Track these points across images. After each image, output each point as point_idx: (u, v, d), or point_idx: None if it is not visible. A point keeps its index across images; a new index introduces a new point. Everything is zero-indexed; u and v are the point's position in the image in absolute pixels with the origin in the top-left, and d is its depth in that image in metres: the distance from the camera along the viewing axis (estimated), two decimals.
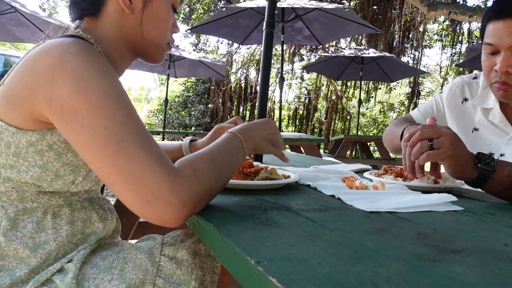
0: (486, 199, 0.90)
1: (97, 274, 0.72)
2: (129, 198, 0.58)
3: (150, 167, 0.57)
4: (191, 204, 0.59)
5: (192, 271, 0.78)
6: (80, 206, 0.78)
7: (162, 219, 0.58)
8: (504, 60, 1.00)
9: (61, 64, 0.61)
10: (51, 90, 0.61)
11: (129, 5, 0.77)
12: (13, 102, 0.66)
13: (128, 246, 0.80)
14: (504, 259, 0.46)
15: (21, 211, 0.71)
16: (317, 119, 14.02)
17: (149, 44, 0.82)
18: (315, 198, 0.80)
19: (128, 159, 0.58)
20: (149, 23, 0.80)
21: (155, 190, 0.57)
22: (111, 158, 0.58)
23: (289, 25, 5.22)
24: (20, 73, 0.66)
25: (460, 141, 0.84)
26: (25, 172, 0.69)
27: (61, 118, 0.61)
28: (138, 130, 0.61)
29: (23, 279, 0.70)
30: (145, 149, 0.59)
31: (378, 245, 0.49)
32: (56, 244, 0.72)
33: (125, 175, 0.57)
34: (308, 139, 3.77)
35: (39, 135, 0.68)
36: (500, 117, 1.14)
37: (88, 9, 0.78)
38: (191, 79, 13.31)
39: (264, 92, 1.41)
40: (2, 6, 4.43)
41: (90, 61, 0.63)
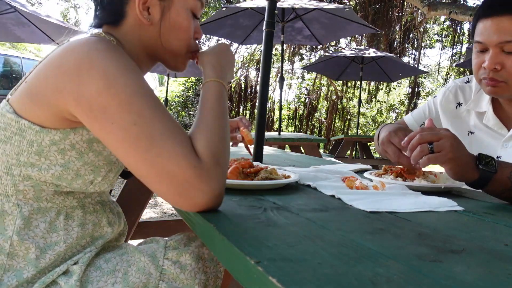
0: (486, 199, 0.90)
1: (100, 277, 0.72)
2: (163, 191, 0.61)
3: (177, 162, 0.60)
4: (220, 187, 0.63)
5: (195, 276, 0.77)
6: (92, 208, 0.78)
7: (197, 206, 0.62)
8: (492, 57, 1.00)
9: (88, 61, 0.62)
10: (79, 87, 0.61)
11: (147, 17, 0.76)
12: (37, 100, 0.66)
13: (132, 249, 0.80)
14: (504, 259, 0.46)
15: (36, 211, 0.71)
16: (317, 119, 14.03)
17: (169, 53, 0.81)
18: (315, 198, 0.80)
19: (157, 154, 0.60)
20: (168, 33, 0.79)
21: (185, 183, 0.60)
22: (142, 154, 0.60)
23: (289, 25, 5.22)
24: (45, 70, 0.66)
25: (460, 143, 0.84)
26: (46, 170, 0.69)
27: (91, 115, 0.62)
28: (165, 123, 0.62)
29: (29, 279, 0.70)
30: (171, 143, 0.61)
31: (378, 245, 0.49)
32: (66, 245, 0.73)
33: (157, 170, 0.60)
34: (308, 139, 3.77)
35: (63, 134, 0.68)
36: (494, 120, 1.15)
37: (108, 20, 0.79)
38: (191, 79, 13.31)
39: (264, 92, 1.40)
40: (2, 6, 4.43)
41: (117, 58, 0.64)
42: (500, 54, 1.00)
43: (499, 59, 1.00)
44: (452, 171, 0.84)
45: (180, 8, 0.79)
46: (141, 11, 0.75)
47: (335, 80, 10.14)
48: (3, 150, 0.70)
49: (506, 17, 0.98)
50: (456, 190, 0.99)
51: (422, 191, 0.90)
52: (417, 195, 0.86)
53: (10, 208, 0.70)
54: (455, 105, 1.27)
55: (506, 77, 1.01)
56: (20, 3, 4.52)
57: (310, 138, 3.84)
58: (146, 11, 0.76)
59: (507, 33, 0.98)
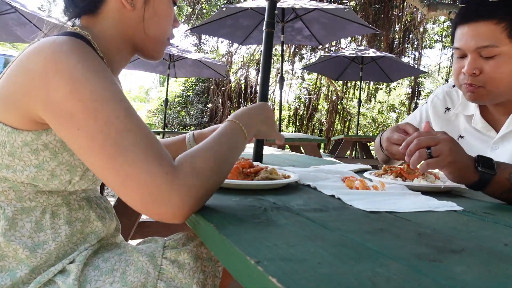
0: (486, 199, 0.90)
1: (98, 276, 0.72)
2: (129, 199, 0.59)
3: (148, 169, 0.57)
4: (191, 201, 0.59)
5: (193, 275, 0.77)
6: (78, 205, 0.78)
7: (164, 217, 0.59)
8: (471, 62, 1.02)
9: (54, 64, 0.60)
10: (47, 91, 0.60)
11: (130, 2, 0.76)
12: (7, 103, 0.66)
13: (130, 248, 0.80)
14: (503, 259, 0.46)
15: (20, 211, 0.70)
16: (317, 120, 14.03)
17: (150, 40, 0.81)
18: (315, 198, 0.80)
19: (125, 162, 0.57)
20: (151, 19, 0.79)
21: (154, 191, 0.57)
22: (109, 162, 0.58)
23: (289, 25, 5.22)
24: (14, 72, 0.65)
25: (458, 145, 0.83)
26: (20, 171, 0.68)
27: (58, 121, 0.61)
28: (135, 131, 0.60)
29: (24, 279, 0.69)
30: (142, 151, 0.58)
31: (378, 245, 0.49)
32: (56, 244, 0.72)
33: (123, 178, 0.57)
34: (308, 139, 3.77)
35: (34, 135, 0.67)
36: (481, 122, 1.16)
37: (87, 7, 0.77)
38: (191, 79, 13.30)
39: (264, 92, 1.40)
40: (2, 6, 4.43)
41: (83, 60, 0.62)
42: (478, 59, 1.02)
43: (478, 64, 1.02)
44: (452, 174, 0.83)
45: None
46: None
47: (335, 80, 10.14)
48: None
49: (482, 22, 0.99)
50: (456, 190, 0.99)
51: (422, 191, 0.90)
52: (416, 195, 0.86)
53: None
54: (444, 110, 1.29)
55: (484, 82, 1.03)
56: (20, 3, 4.52)
57: (310, 138, 3.84)
58: None
59: (483, 38, 0.99)
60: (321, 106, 14.08)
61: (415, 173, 1.01)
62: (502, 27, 0.98)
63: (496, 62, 1.00)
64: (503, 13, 0.98)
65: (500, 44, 0.99)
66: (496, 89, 1.03)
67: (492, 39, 0.99)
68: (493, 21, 0.98)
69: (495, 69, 1.00)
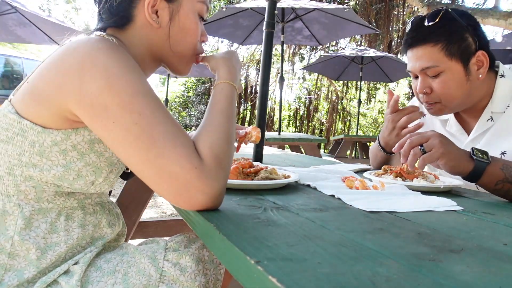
0: (486, 199, 0.90)
1: (100, 277, 0.72)
2: (164, 191, 0.62)
3: (178, 162, 0.60)
4: (221, 189, 0.64)
5: (195, 278, 0.77)
6: (92, 210, 0.79)
7: (197, 206, 0.63)
8: (421, 83, 1.12)
9: (90, 59, 0.62)
10: (80, 85, 0.62)
11: (156, 20, 0.76)
12: (39, 100, 0.66)
13: (132, 249, 0.80)
14: (503, 258, 0.46)
15: (37, 211, 0.71)
16: (317, 120, 14.02)
17: (176, 56, 0.82)
18: (315, 198, 0.80)
19: (158, 154, 0.60)
20: (176, 36, 0.79)
21: (186, 183, 0.60)
22: (143, 154, 0.61)
23: (289, 25, 5.22)
24: (47, 70, 0.66)
25: (447, 139, 0.90)
26: (47, 170, 0.69)
27: (92, 114, 0.62)
28: (166, 124, 0.63)
29: (29, 279, 0.70)
30: (172, 143, 0.61)
31: (378, 245, 0.49)
32: (67, 246, 0.73)
33: (158, 170, 0.61)
34: (308, 139, 3.77)
35: (64, 134, 0.68)
36: (456, 126, 1.23)
37: (114, 24, 0.78)
38: (191, 80, 13.30)
39: (264, 92, 1.41)
40: (3, 6, 4.43)
41: (118, 57, 0.64)
42: (426, 79, 1.11)
43: (427, 83, 1.11)
44: (447, 165, 0.88)
45: (189, 11, 0.79)
46: (150, 14, 0.76)
47: (335, 80, 10.14)
48: (5, 150, 0.70)
49: (421, 46, 1.09)
50: (455, 190, 0.99)
51: (421, 191, 0.90)
52: (416, 195, 0.86)
53: (11, 208, 0.70)
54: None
55: (437, 98, 1.11)
56: (20, 3, 4.52)
57: (310, 138, 3.84)
58: (155, 14, 0.76)
59: (425, 60, 1.10)
60: (321, 106, 14.08)
61: (414, 173, 1.01)
62: (439, 48, 1.07)
63: (441, 79, 1.09)
64: (437, 36, 1.07)
65: (440, 63, 1.07)
66: (450, 102, 1.11)
67: (432, 60, 1.08)
68: (430, 44, 1.08)
69: (442, 85, 1.09)
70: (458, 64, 1.07)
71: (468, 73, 1.09)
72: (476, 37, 1.08)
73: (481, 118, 1.14)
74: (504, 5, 12.86)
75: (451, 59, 1.07)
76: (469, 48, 1.08)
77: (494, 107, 1.12)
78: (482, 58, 1.09)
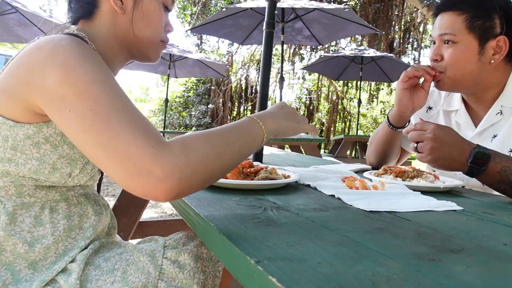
0: (485, 199, 0.90)
1: (99, 276, 0.73)
2: (114, 173, 0.58)
3: (134, 142, 0.56)
4: (175, 177, 0.56)
5: (194, 275, 0.78)
6: (76, 201, 0.79)
7: (146, 191, 0.56)
8: (435, 49, 1.13)
9: (51, 56, 0.63)
10: (43, 81, 0.62)
11: (120, 6, 0.79)
12: (9, 95, 0.67)
13: (131, 247, 0.80)
14: (503, 258, 0.46)
15: (19, 206, 0.72)
16: (318, 120, 14.02)
17: (141, 42, 0.84)
18: (315, 198, 0.80)
19: (113, 136, 0.57)
20: (140, 22, 0.82)
21: (137, 163, 0.56)
22: (97, 137, 0.58)
23: (289, 25, 5.22)
24: (15, 67, 0.67)
25: (443, 143, 0.90)
26: (23, 165, 0.70)
27: (51, 106, 0.62)
28: (124, 108, 0.60)
29: (26, 278, 0.70)
30: (131, 125, 0.58)
31: (378, 245, 0.49)
32: (54, 238, 0.73)
33: (110, 152, 0.57)
34: (308, 139, 3.77)
35: (36, 127, 0.69)
36: (465, 116, 1.22)
37: (82, 11, 0.81)
38: (192, 79, 13.31)
39: (264, 92, 1.41)
40: (3, 6, 4.43)
41: (78, 50, 0.65)
42: (441, 47, 1.12)
43: (440, 51, 1.12)
44: (436, 168, 0.94)
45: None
46: (115, 0, 0.78)
47: (335, 80, 10.14)
48: None
49: (446, 13, 1.11)
50: (455, 190, 0.99)
51: (421, 191, 0.90)
52: (416, 195, 0.86)
53: None
54: (426, 109, 1.36)
55: (444, 67, 1.11)
56: (21, 4, 4.52)
57: (310, 138, 3.84)
58: (120, 0, 0.79)
59: (445, 27, 1.10)
60: (322, 106, 14.08)
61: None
62: (463, 18, 1.07)
63: (453, 49, 1.09)
64: (466, 6, 1.07)
65: (458, 33, 1.08)
66: (454, 75, 1.10)
67: (451, 28, 1.09)
68: (456, 12, 1.09)
69: (453, 55, 1.09)
70: (474, 41, 1.07)
71: (481, 53, 1.07)
72: (505, 22, 1.06)
73: (491, 110, 1.13)
74: None
75: (469, 33, 1.06)
76: (492, 29, 1.06)
77: (505, 100, 1.11)
78: (502, 44, 1.07)
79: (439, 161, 0.91)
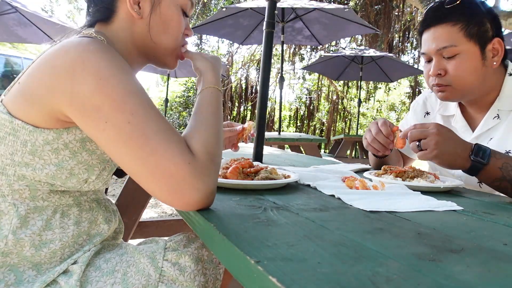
0: (485, 199, 0.90)
1: (100, 277, 0.72)
2: (156, 189, 0.61)
3: (172, 159, 0.60)
4: (214, 184, 0.64)
5: (194, 278, 0.77)
6: (88, 206, 0.79)
7: (190, 205, 0.62)
8: (435, 64, 1.10)
9: (81, 62, 0.63)
10: (72, 87, 0.62)
11: (137, 10, 0.78)
12: (31, 100, 0.67)
13: (131, 249, 0.80)
14: (503, 258, 0.46)
15: (32, 209, 0.71)
16: (318, 119, 14.02)
17: (159, 48, 0.82)
18: (315, 198, 0.80)
19: (151, 152, 0.60)
20: (157, 27, 0.80)
21: (179, 180, 0.60)
22: (136, 152, 0.61)
23: (289, 25, 5.22)
24: (38, 71, 0.66)
25: (447, 138, 0.91)
26: (40, 170, 0.69)
27: (84, 115, 0.62)
28: (158, 122, 0.63)
29: (29, 279, 0.70)
30: (166, 140, 0.62)
31: (378, 245, 0.49)
32: (62, 244, 0.73)
33: (151, 168, 0.60)
34: (308, 139, 3.77)
35: (56, 133, 0.69)
36: (462, 121, 1.22)
37: (100, 16, 0.80)
38: (192, 79, 13.30)
39: (264, 92, 1.41)
40: (3, 6, 4.43)
41: (109, 58, 0.64)
42: (441, 61, 1.09)
43: (441, 65, 1.09)
44: (440, 164, 0.93)
45: (171, 3, 0.81)
46: (132, 5, 0.77)
47: (335, 80, 10.14)
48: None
49: (440, 26, 1.08)
50: (456, 190, 0.99)
51: (421, 191, 0.90)
52: (416, 195, 0.86)
53: (7, 208, 0.70)
54: (423, 114, 1.37)
55: (450, 81, 1.09)
56: (21, 3, 4.52)
57: (310, 138, 3.84)
58: (137, 5, 0.78)
59: (442, 40, 1.07)
60: (322, 106, 14.08)
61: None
62: (458, 28, 1.06)
63: (457, 61, 1.07)
64: (457, 16, 1.06)
65: (458, 44, 1.06)
66: (462, 86, 1.09)
67: (450, 40, 1.06)
68: (449, 24, 1.06)
69: (458, 67, 1.07)
70: (475, 47, 1.06)
71: (484, 58, 1.07)
72: (494, 25, 1.08)
73: (488, 114, 1.14)
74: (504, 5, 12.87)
75: (469, 40, 1.05)
76: (487, 33, 1.07)
77: (501, 104, 1.11)
78: (497, 46, 1.08)
79: (444, 156, 0.90)
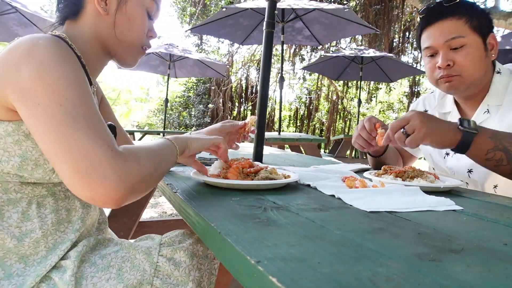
0: (486, 199, 0.90)
1: (95, 273, 0.73)
2: (68, 170, 0.59)
3: (96, 142, 0.60)
4: (127, 184, 0.60)
5: (189, 272, 0.78)
6: (63, 195, 0.80)
7: (97, 194, 0.58)
8: (443, 56, 1.13)
9: (28, 53, 0.64)
10: (17, 76, 0.63)
11: (104, 7, 0.81)
12: None
13: (127, 245, 0.81)
14: (503, 258, 0.46)
15: (6, 202, 0.72)
16: (318, 119, 14.03)
17: (122, 45, 0.85)
18: (315, 198, 0.80)
19: (76, 131, 0.60)
20: (122, 25, 0.83)
21: (95, 163, 0.58)
22: (61, 131, 0.60)
23: (289, 25, 5.22)
24: None
25: (429, 116, 0.92)
26: (6, 162, 0.70)
27: (22, 99, 0.63)
28: (91, 112, 0.63)
29: (18, 272, 0.70)
30: (94, 128, 0.62)
31: (378, 245, 0.49)
32: (42, 232, 0.73)
33: (69, 146, 0.59)
34: (308, 139, 3.77)
35: (15, 125, 0.70)
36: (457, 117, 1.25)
37: (68, 11, 0.82)
38: (192, 79, 13.31)
39: (264, 92, 1.41)
40: (3, 6, 4.43)
41: (55, 50, 0.66)
42: (449, 53, 1.13)
43: (449, 56, 1.13)
44: (434, 142, 0.92)
45: (137, 3, 0.84)
46: (99, 1, 0.80)
47: (335, 80, 10.14)
48: None
49: (446, 20, 1.13)
50: (456, 190, 0.99)
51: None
52: (415, 190, 0.86)
53: None
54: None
55: (459, 71, 1.13)
56: (21, 3, 4.52)
57: (310, 138, 3.84)
58: (104, 2, 0.81)
59: (450, 32, 1.12)
60: (322, 106, 14.08)
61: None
62: (463, 21, 1.11)
63: (465, 51, 1.11)
64: (461, 11, 1.12)
65: (466, 34, 1.11)
66: (471, 75, 1.12)
67: (457, 31, 1.11)
68: (454, 18, 1.12)
69: (466, 57, 1.11)
70: (479, 39, 1.12)
71: (486, 49, 1.13)
72: (487, 21, 1.13)
73: (479, 109, 1.18)
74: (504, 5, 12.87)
75: (474, 32, 1.11)
76: (485, 27, 1.13)
77: (491, 99, 1.16)
78: (493, 41, 1.14)
79: (434, 132, 0.91)
